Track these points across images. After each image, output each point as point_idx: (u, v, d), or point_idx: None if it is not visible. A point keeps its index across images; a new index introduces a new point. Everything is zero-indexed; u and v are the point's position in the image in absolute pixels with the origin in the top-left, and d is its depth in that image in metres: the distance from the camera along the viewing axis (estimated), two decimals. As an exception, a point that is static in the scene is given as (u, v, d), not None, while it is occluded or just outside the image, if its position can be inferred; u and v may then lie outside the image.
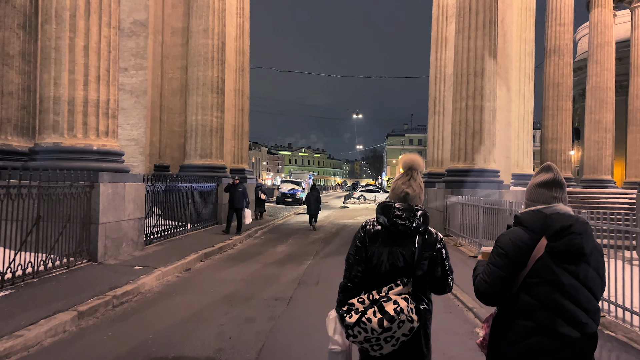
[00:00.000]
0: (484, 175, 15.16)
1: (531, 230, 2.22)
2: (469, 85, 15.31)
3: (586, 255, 2.15)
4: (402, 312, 2.31)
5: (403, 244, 2.47)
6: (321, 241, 14.80)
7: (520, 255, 2.18)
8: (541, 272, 2.14)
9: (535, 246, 2.18)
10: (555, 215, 2.20)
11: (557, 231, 2.14)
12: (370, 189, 53.26)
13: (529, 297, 2.16)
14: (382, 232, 2.53)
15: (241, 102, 21.58)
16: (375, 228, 2.57)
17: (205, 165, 17.16)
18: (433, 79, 19.92)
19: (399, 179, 2.67)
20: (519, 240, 2.21)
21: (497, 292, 2.23)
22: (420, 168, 2.68)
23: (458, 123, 15.55)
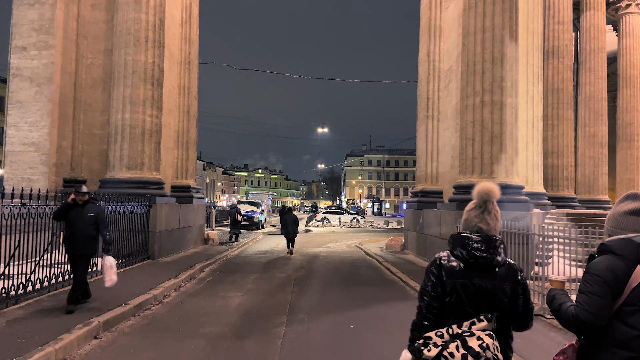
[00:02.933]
0: (508, 192, 11.52)
1: (626, 259, 2.23)
2: (485, 75, 11.77)
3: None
4: (487, 349, 2.20)
5: (483, 277, 2.37)
6: (293, 283, 10.66)
7: (618, 283, 2.19)
8: (638, 300, 2.14)
9: (632, 274, 2.19)
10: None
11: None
12: (334, 210, 49.44)
13: (625, 326, 2.16)
14: (459, 266, 2.39)
15: (187, 103, 17.33)
16: (451, 261, 2.42)
17: (135, 179, 12.77)
18: (424, 77, 16.41)
19: (471, 210, 2.54)
20: (615, 268, 2.21)
21: (599, 320, 2.20)
22: (496, 198, 2.53)
23: (470, 125, 11.94)
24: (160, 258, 12.87)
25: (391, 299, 9.10)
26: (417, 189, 16.61)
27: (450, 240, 2.51)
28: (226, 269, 12.65)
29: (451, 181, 15.02)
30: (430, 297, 2.42)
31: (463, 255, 2.40)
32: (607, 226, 2.47)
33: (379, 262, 14.40)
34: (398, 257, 15.59)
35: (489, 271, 2.38)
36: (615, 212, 2.44)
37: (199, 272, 11.60)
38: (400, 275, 11.63)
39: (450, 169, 15.11)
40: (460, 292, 2.37)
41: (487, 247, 2.38)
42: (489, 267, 2.38)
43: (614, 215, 2.43)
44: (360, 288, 10.22)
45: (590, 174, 24.04)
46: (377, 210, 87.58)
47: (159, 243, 12.79)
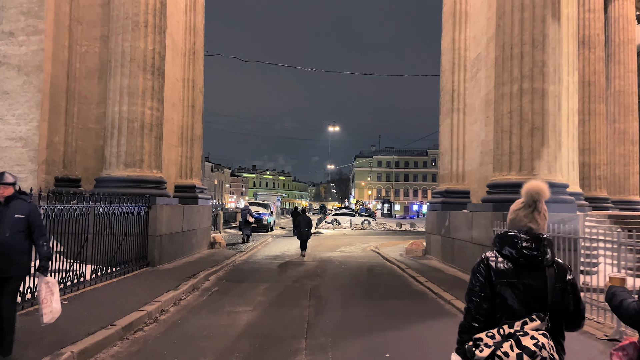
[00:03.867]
0: (552, 191, 10.16)
1: None
2: (524, 60, 10.44)
3: None
4: (543, 348, 2.15)
5: (533, 276, 2.33)
6: (308, 295, 9.39)
7: None
8: None
9: None
10: None
11: None
12: (344, 212, 48.14)
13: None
14: (508, 265, 2.37)
15: (192, 96, 16.14)
16: (499, 261, 2.39)
17: (133, 178, 11.57)
18: (448, 67, 15.08)
19: (519, 209, 2.48)
20: None
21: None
22: (546, 198, 2.49)
23: (507, 116, 10.61)
24: (161, 265, 11.66)
25: (426, 316, 7.79)
26: (441, 188, 15.27)
27: (496, 239, 2.49)
28: (233, 277, 11.40)
29: (480, 180, 13.69)
30: (480, 298, 2.38)
31: (512, 255, 2.37)
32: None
33: (401, 269, 13.09)
34: (420, 263, 14.27)
35: (538, 270, 2.36)
36: None
37: (203, 281, 10.36)
38: (429, 285, 10.32)
39: (479, 166, 13.77)
40: (511, 292, 2.33)
41: (536, 246, 2.35)
42: (539, 266, 2.36)
43: None
44: (387, 302, 8.91)
45: (621, 173, 22.53)
46: (386, 212, 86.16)
47: (159, 248, 11.58)
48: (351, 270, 13.25)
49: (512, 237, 2.37)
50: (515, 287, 2.31)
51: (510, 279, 2.32)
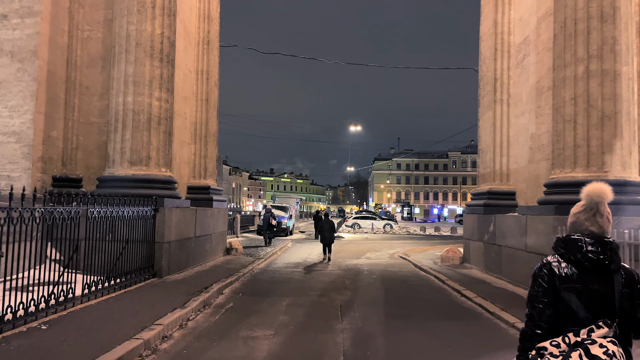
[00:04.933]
0: (627, 191, 8.59)
1: None
2: (591, 37, 8.86)
3: None
4: (614, 357, 2.04)
5: (599, 281, 2.21)
6: (339, 314, 7.94)
7: None
8: None
9: None
10: None
11: None
12: (365, 215, 46.45)
13: None
14: (572, 270, 2.26)
15: (206, 90, 14.84)
16: (562, 265, 2.28)
17: (139, 177, 10.29)
18: (489, 54, 13.51)
19: (580, 212, 2.39)
20: None
21: None
22: (608, 200, 2.37)
23: (570, 103, 9.03)
24: (170, 275, 10.33)
25: (491, 346, 6.26)
26: (482, 189, 13.66)
27: (559, 243, 2.36)
28: (251, 290, 10.01)
29: (529, 179, 12.09)
30: (543, 304, 2.27)
31: (577, 259, 2.26)
32: None
33: (440, 281, 11.55)
34: (460, 273, 12.70)
35: (605, 275, 2.23)
36: None
37: (216, 296, 8.98)
38: (480, 302, 8.77)
39: (528, 163, 12.17)
40: (576, 298, 2.22)
41: (602, 249, 2.24)
42: (606, 271, 2.24)
43: None
44: (435, 324, 7.40)
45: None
46: (407, 215, 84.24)
47: (167, 256, 10.25)
48: (383, 281, 11.75)
49: (576, 240, 2.30)
50: (581, 292, 2.23)
51: (575, 284, 2.24)
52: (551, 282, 2.26)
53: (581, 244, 2.24)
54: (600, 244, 2.24)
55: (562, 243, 2.34)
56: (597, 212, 2.33)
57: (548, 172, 10.77)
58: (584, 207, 2.37)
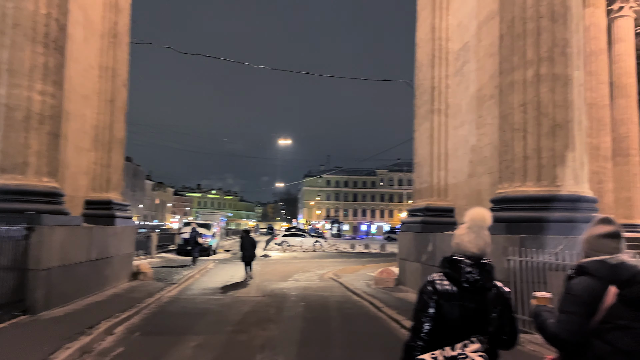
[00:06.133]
0: (580, 208, 7.81)
1: (600, 279, 2.42)
2: (541, 37, 8.08)
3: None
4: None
5: (475, 299, 2.45)
6: (261, 354, 6.40)
7: (595, 303, 2.39)
8: (613, 318, 2.35)
9: (606, 294, 2.38)
10: (622, 264, 2.45)
11: (627, 280, 2.40)
12: (294, 232, 44.99)
13: (602, 342, 2.36)
14: (453, 288, 2.46)
15: (111, 89, 12.86)
16: (444, 283, 2.49)
17: (11, 188, 8.23)
18: (426, 61, 12.67)
19: (464, 235, 2.60)
20: (592, 289, 2.41)
21: (577, 338, 2.41)
22: (487, 224, 2.62)
23: (520, 110, 8.17)
24: (49, 310, 8.27)
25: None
26: (419, 205, 12.68)
27: (445, 263, 2.56)
28: (152, 327, 8.20)
29: (470, 194, 11.23)
30: (425, 319, 2.44)
31: (457, 278, 2.45)
32: (584, 248, 2.65)
33: (377, 308, 10.31)
34: (396, 297, 11.55)
35: (481, 294, 2.44)
36: (590, 235, 2.64)
37: (102, 337, 7.11)
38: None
39: (468, 178, 11.32)
40: (454, 314, 2.40)
41: (480, 270, 2.46)
42: (481, 290, 2.45)
43: (590, 238, 2.63)
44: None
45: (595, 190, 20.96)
46: (336, 232, 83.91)
47: (45, 287, 8.20)
48: (314, 309, 10.32)
49: (457, 261, 2.48)
50: (459, 309, 2.39)
51: (455, 301, 2.40)
52: (434, 299, 2.42)
53: (462, 265, 2.45)
54: (478, 265, 2.45)
55: (447, 262, 2.52)
56: (478, 236, 2.53)
57: (491, 187, 9.93)
58: (467, 230, 2.57)
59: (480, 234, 2.53)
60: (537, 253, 7.17)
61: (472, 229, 2.56)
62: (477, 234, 2.53)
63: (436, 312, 2.40)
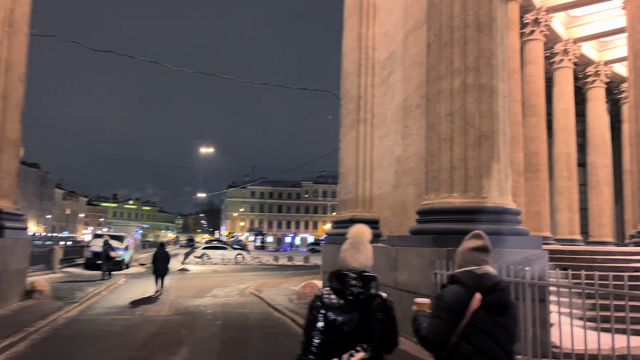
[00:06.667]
0: (506, 220, 7.73)
1: (468, 287, 2.66)
2: (468, 47, 8.00)
3: (509, 308, 2.70)
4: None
5: (360, 311, 2.56)
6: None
7: (460, 309, 2.61)
8: (477, 323, 2.60)
9: (472, 300, 2.62)
10: (486, 274, 2.73)
11: (489, 288, 2.66)
12: (215, 245, 43.43)
13: (468, 344, 2.58)
14: (338, 300, 2.58)
15: (4, 83, 11.35)
16: (332, 297, 2.61)
17: None
18: (352, 70, 12.41)
19: (347, 250, 2.76)
20: (460, 296, 2.64)
21: (444, 341, 2.62)
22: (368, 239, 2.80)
23: (446, 119, 8.02)
24: None
25: None
26: (344, 216, 12.31)
27: (332, 277, 2.65)
28: (41, 356, 7.07)
29: (395, 205, 11.02)
30: (315, 332, 2.52)
31: (341, 290, 2.58)
32: (457, 260, 2.91)
33: (300, 326, 9.71)
34: (320, 312, 11.03)
35: (365, 305, 2.59)
36: (463, 248, 2.90)
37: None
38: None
39: (393, 189, 11.11)
40: (341, 326, 2.52)
41: (363, 283, 2.60)
42: (365, 301, 2.59)
43: (462, 251, 2.90)
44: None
45: (509, 204, 21.87)
46: (260, 244, 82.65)
47: None
48: (231, 329, 9.54)
49: (343, 275, 2.62)
50: (345, 321, 2.52)
51: (341, 313, 2.53)
52: (322, 313, 2.54)
53: (346, 279, 2.61)
54: (361, 278, 2.62)
55: (334, 277, 2.66)
56: (359, 251, 2.73)
57: (416, 198, 9.75)
58: (349, 246, 2.77)
59: (360, 249, 2.72)
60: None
61: (353, 244, 2.74)
62: (358, 249, 2.71)
63: (325, 325, 2.51)
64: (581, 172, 25.47)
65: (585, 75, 25.98)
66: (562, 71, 24.34)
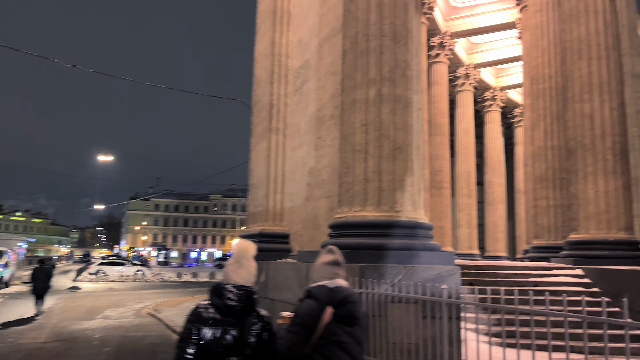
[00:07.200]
0: (419, 235, 7.54)
1: (321, 301, 2.78)
2: (384, 57, 7.79)
3: (359, 319, 2.85)
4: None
5: (235, 324, 2.59)
6: None
7: (313, 322, 2.73)
8: (329, 335, 2.74)
9: (323, 314, 2.74)
10: (338, 288, 2.86)
11: (340, 301, 2.79)
12: (113, 260, 40.45)
13: (320, 356, 2.71)
14: (215, 314, 2.61)
15: None
16: (210, 310, 2.63)
17: None
18: (265, 77, 11.85)
19: (229, 265, 2.80)
20: (312, 310, 2.76)
21: (297, 354, 2.71)
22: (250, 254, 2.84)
23: (361, 130, 7.71)
24: None
25: None
26: (253, 230, 11.61)
27: (212, 291, 2.69)
28: None
29: (307, 219, 10.57)
30: (187, 344, 2.54)
31: (218, 304, 2.62)
32: (313, 275, 3.02)
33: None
34: (223, 334, 10.22)
35: (240, 319, 2.61)
36: (318, 263, 3.03)
37: None
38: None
39: (305, 202, 10.67)
40: (215, 338, 2.54)
41: (240, 297, 2.62)
42: (241, 315, 2.61)
43: (317, 266, 3.03)
44: None
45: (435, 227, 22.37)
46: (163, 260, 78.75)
47: None
48: (121, 356, 8.47)
49: (221, 288, 2.66)
50: (220, 334, 2.55)
51: (216, 326, 2.56)
52: (197, 326, 2.57)
53: (224, 292, 2.63)
54: (240, 293, 2.64)
55: (213, 291, 2.70)
56: (241, 266, 2.75)
57: (329, 212, 9.38)
58: (232, 260, 2.80)
59: (243, 264, 2.76)
60: (377, 284, 6.60)
61: (236, 259, 2.78)
62: (240, 264, 2.75)
63: (198, 339, 2.55)
64: (479, 190, 26.79)
65: (483, 99, 27.60)
66: (464, 94, 25.61)
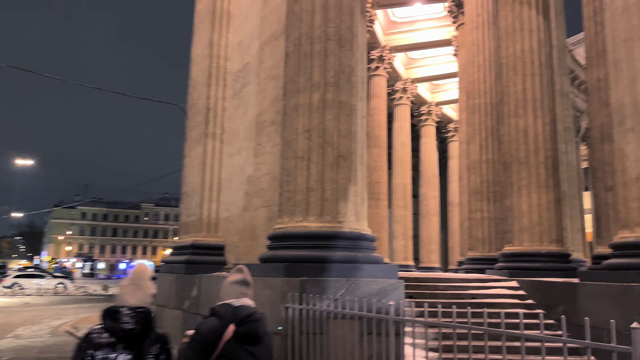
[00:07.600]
0: (362, 246, 7.26)
1: (223, 319, 2.81)
2: (328, 61, 7.47)
3: (261, 338, 2.90)
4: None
5: (132, 347, 2.53)
6: None
7: (214, 340, 2.74)
8: (228, 353, 2.74)
9: (225, 332, 2.76)
10: (242, 307, 2.90)
11: (242, 319, 2.82)
12: (32, 273, 37.60)
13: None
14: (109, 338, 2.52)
15: None
16: (103, 335, 2.55)
17: None
18: (202, 79, 11.19)
19: (124, 286, 2.73)
20: (213, 328, 2.78)
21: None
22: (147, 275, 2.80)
23: (304, 136, 7.33)
24: None
25: None
26: (186, 241, 10.85)
27: (105, 314, 2.60)
28: None
29: (244, 230, 10.02)
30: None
31: (112, 327, 2.53)
32: (220, 293, 3.04)
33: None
34: (150, 354, 9.42)
35: (138, 341, 2.54)
36: (226, 282, 3.07)
37: None
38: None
39: (243, 211, 10.11)
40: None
41: (136, 320, 2.55)
42: (138, 337, 2.54)
43: (225, 284, 3.06)
44: None
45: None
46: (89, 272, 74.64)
47: None
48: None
49: (115, 311, 2.58)
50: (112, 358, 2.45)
51: (110, 351, 2.47)
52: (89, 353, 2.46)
53: (118, 315, 2.55)
54: (136, 315, 2.56)
55: (108, 314, 2.59)
56: (138, 287, 2.68)
57: (268, 222, 8.91)
58: (129, 282, 2.72)
59: (140, 285, 2.70)
60: (319, 299, 6.20)
61: (133, 281, 2.71)
62: (137, 286, 2.69)
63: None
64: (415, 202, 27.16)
65: (419, 114, 28.17)
66: (401, 108, 25.96)
